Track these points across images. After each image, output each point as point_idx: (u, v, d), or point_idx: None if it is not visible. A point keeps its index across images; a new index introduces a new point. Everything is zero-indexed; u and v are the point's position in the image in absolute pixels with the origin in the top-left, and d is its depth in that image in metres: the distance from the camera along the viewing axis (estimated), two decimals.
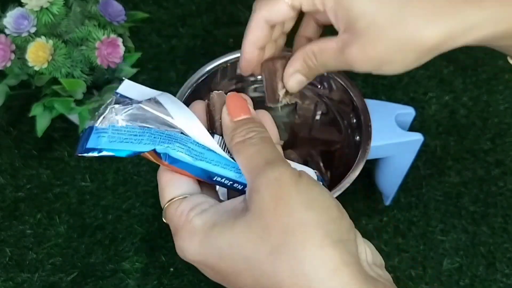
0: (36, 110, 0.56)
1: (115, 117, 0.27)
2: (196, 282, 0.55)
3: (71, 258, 0.56)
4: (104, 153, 0.27)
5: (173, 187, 0.30)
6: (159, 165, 0.31)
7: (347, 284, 0.24)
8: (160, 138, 0.28)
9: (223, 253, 0.26)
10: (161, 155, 0.28)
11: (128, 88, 0.30)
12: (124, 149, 0.27)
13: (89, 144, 0.27)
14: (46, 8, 0.53)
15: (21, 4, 0.53)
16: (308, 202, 0.25)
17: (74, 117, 0.62)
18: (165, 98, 0.29)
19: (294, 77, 0.35)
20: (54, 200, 0.60)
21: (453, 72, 0.70)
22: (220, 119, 0.30)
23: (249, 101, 0.31)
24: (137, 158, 0.63)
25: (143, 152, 0.28)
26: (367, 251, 0.27)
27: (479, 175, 0.61)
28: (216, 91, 0.31)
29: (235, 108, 0.30)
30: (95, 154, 0.27)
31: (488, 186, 0.60)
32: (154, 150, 0.28)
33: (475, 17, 0.28)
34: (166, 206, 0.29)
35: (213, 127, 0.31)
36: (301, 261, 0.24)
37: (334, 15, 0.31)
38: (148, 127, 0.28)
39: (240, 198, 0.28)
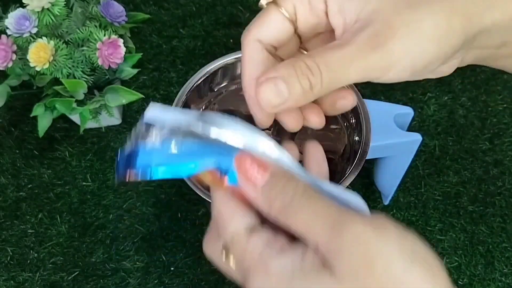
0: (38, 110, 0.56)
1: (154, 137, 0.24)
2: (197, 281, 0.55)
3: (72, 258, 0.57)
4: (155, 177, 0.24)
5: (233, 219, 0.24)
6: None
7: None
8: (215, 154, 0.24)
9: None
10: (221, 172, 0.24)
11: (156, 113, 0.25)
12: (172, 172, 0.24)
13: (137, 169, 0.24)
14: (48, 9, 0.53)
15: (22, 5, 0.54)
16: (408, 256, 0.21)
17: (75, 117, 0.62)
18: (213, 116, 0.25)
19: (271, 81, 0.24)
20: (56, 199, 0.61)
21: (452, 72, 0.70)
22: None
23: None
24: None
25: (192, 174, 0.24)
26: None
27: (477, 175, 0.62)
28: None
29: (251, 172, 0.24)
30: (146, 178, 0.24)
31: (486, 186, 0.61)
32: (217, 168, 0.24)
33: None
34: (232, 237, 0.24)
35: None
36: None
37: (338, 9, 0.26)
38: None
39: (309, 256, 0.23)
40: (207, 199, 0.40)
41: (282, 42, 0.28)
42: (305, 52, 0.30)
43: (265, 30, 0.27)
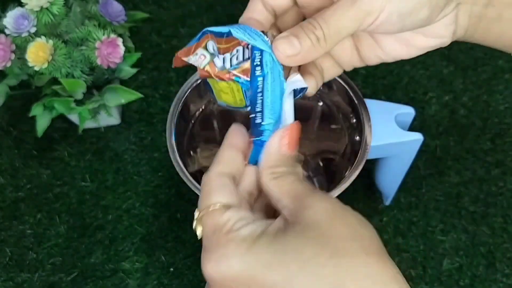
0: (36, 110, 0.56)
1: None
2: (196, 282, 0.55)
3: (71, 258, 0.56)
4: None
5: (220, 194, 0.28)
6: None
7: None
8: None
9: (275, 259, 0.25)
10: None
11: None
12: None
13: None
14: (46, 8, 0.53)
15: (21, 4, 0.53)
16: (360, 221, 0.27)
17: (74, 117, 0.62)
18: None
19: (286, 38, 0.29)
20: (54, 200, 0.60)
21: (453, 72, 0.70)
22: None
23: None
24: (137, 158, 0.63)
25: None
26: None
27: (479, 175, 0.61)
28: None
29: (294, 141, 0.29)
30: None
31: (488, 186, 0.60)
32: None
33: None
34: (208, 209, 0.27)
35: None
36: (365, 266, 0.24)
37: None
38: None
39: (277, 220, 0.27)
40: None
41: (282, 7, 0.32)
42: None
43: None
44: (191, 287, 0.55)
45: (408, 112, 0.51)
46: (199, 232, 0.28)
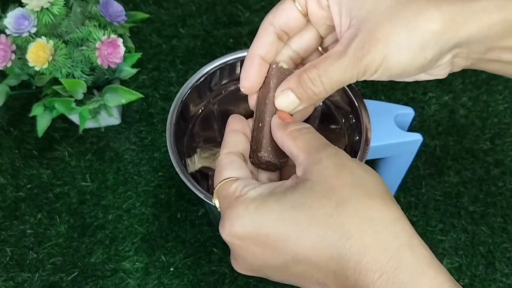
0: (37, 110, 0.56)
1: None
2: (196, 282, 0.55)
3: (72, 258, 0.57)
4: None
5: (229, 170, 0.31)
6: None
7: (408, 231, 0.26)
8: None
9: (283, 216, 0.27)
10: None
11: None
12: None
13: None
14: (47, 9, 0.53)
15: (21, 4, 0.53)
16: (367, 170, 0.28)
17: (74, 117, 0.62)
18: None
19: (284, 94, 0.32)
20: (55, 200, 0.60)
21: (453, 72, 0.70)
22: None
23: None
24: (137, 159, 0.63)
25: None
26: None
27: (478, 175, 0.61)
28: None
29: (285, 117, 0.33)
30: None
31: (487, 186, 0.61)
32: None
33: (478, 4, 0.29)
34: (220, 184, 0.30)
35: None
36: (368, 209, 0.26)
37: (338, 10, 0.31)
38: None
39: (288, 180, 0.29)
40: (206, 200, 0.40)
41: (293, 29, 0.33)
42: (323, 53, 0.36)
43: (277, 16, 0.33)
44: (191, 287, 0.55)
45: (407, 112, 0.51)
46: (217, 205, 0.31)
